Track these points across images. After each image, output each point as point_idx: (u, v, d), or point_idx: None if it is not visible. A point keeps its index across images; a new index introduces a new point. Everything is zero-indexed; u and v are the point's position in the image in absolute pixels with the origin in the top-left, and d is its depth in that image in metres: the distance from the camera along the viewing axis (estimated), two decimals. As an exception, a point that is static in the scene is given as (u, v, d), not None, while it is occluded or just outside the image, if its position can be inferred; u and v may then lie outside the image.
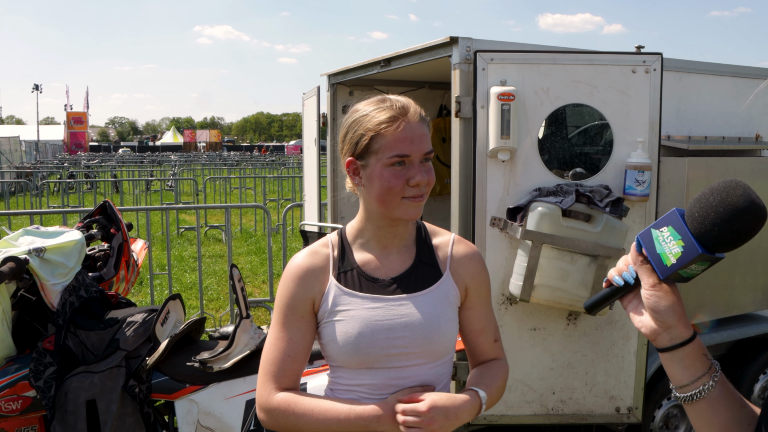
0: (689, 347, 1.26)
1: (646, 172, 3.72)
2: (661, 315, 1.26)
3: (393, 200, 1.78)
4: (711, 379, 1.24)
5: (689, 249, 1.20)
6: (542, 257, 3.56)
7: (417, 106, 1.85)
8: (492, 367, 2.00)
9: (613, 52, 3.85)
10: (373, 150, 1.78)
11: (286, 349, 1.86)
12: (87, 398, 2.98)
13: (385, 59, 4.77)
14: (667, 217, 1.25)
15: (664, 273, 1.25)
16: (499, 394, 1.96)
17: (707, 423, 1.26)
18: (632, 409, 4.06)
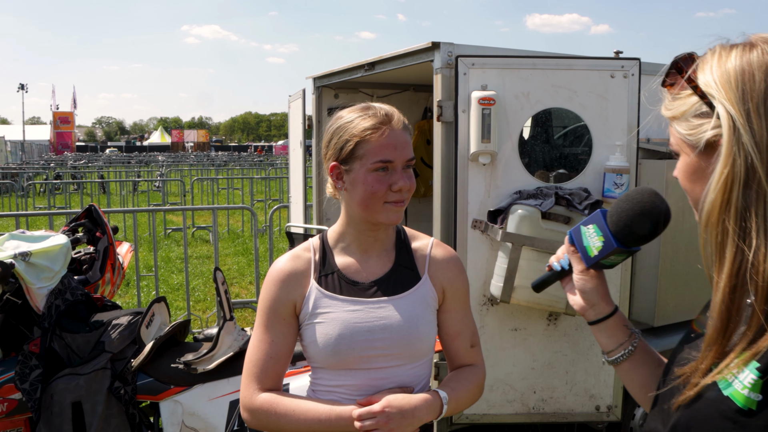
0: (611, 320, 1.53)
1: (624, 175, 3.79)
2: (587, 295, 1.52)
3: (376, 205, 1.83)
4: (631, 344, 1.51)
5: (608, 244, 1.43)
6: (522, 259, 3.62)
7: (400, 114, 1.90)
8: (463, 372, 2.03)
9: (592, 57, 3.91)
10: (357, 155, 1.82)
11: (269, 350, 1.90)
12: (73, 400, 3.01)
13: (369, 63, 4.81)
14: (593, 217, 1.47)
15: (589, 262, 1.49)
16: (468, 398, 1.99)
17: (631, 379, 1.53)
18: (612, 408, 4.13)
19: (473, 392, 2.00)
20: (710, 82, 1.15)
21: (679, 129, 1.23)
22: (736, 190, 1.09)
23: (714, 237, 1.13)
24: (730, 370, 1.11)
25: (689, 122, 1.20)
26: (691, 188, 1.25)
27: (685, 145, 1.23)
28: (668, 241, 4.34)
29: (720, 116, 1.12)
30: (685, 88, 1.21)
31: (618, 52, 4.09)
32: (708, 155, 1.17)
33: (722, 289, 1.12)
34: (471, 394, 2.00)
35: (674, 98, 1.25)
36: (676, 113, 1.23)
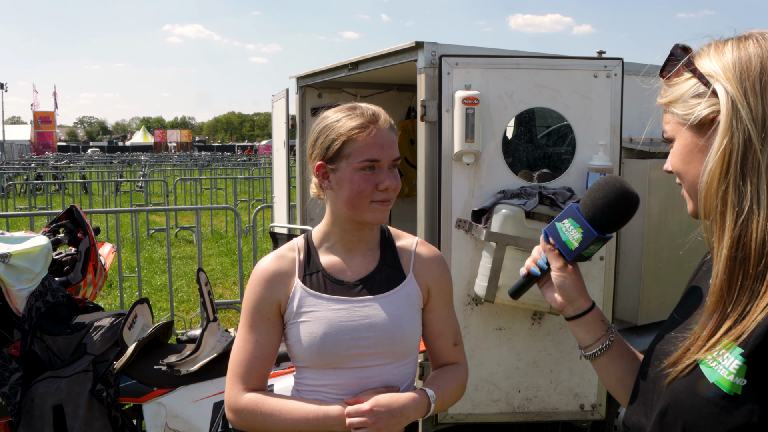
0: (589, 315, 1.56)
1: (607, 174, 3.79)
2: (566, 291, 1.55)
3: (362, 204, 1.84)
4: (608, 339, 1.55)
5: (587, 233, 1.48)
6: (506, 258, 3.62)
7: (386, 114, 1.91)
8: (448, 371, 2.04)
9: (575, 57, 3.92)
10: (344, 154, 1.83)
11: (253, 350, 1.90)
12: (54, 403, 2.98)
13: (352, 63, 4.80)
14: (566, 212, 1.53)
15: (570, 255, 1.52)
16: (453, 396, 2.01)
17: (608, 373, 1.56)
18: (596, 406, 4.14)
19: (457, 390, 2.02)
20: (709, 66, 1.23)
21: (676, 111, 1.29)
22: (734, 159, 1.16)
23: (714, 207, 1.20)
24: (715, 356, 1.16)
25: (686, 103, 1.26)
26: (686, 170, 1.30)
27: (681, 127, 1.29)
28: (651, 240, 4.36)
29: (719, 94, 1.20)
30: (682, 74, 1.28)
31: (601, 52, 4.10)
32: (704, 132, 1.24)
33: (723, 259, 1.17)
34: (455, 392, 2.01)
35: (670, 85, 1.31)
36: (672, 98, 1.30)
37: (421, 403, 1.88)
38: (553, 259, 1.55)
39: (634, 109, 4.51)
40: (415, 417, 1.87)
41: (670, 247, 4.45)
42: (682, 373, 1.20)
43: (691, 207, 1.33)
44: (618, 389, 1.56)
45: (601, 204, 1.46)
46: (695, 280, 1.45)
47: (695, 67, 1.25)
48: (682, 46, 1.30)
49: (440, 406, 1.94)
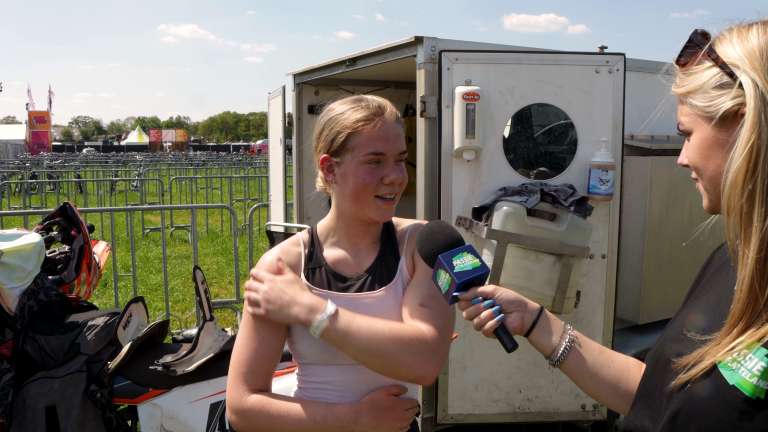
0: (544, 314, 1.56)
1: (609, 171, 3.75)
2: (516, 301, 1.56)
3: (366, 198, 1.80)
4: (568, 333, 1.53)
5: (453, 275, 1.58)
6: (507, 256, 3.57)
7: (393, 106, 1.87)
8: (397, 324, 1.79)
9: (576, 53, 3.88)
10: (349, 147, 1.79)
11: (259, 348, 1.83)
12: (46, 404, 2.92)
13: (350, 59, 4.75)
14: (437, 267, 1.62)
15: (454, 292, 1.58)
16: (371, 339, 1.70)
17: (580, 373, 1.52)
18: (597, 407, 4.09)
19: (386, 339, 1.70)
20: (732, 53, 1.15)
21: (695, 102, 1.21)
22: (762, 157, 1.08)
23: (739, 208, 1.12)
24: (735, 356, 1.08)
25: (707, 94, 1.18)
26: (704, 165, 1.23)
27: (700, 119, 1.21)
28: (652, 238, 4.32)
29: (744, 85, 1.11)
30: (701, 62, 1.20)
31: (603, 48, 4.05)
32: (727, 126, 1.16)
33: (750, 262, 1.10)
34: (380, 338, 1.70)
35: (688, 74, 1.23)
36: (691, 88, 1.22)
37: (314, 303, 1.72)
38: (484, 293, 1.56)
39: (635, 106, 4.48)
40: (299, 314, 1.72)
41: (671, 246, 4.41)
42: (696, 375, 1.12)
43: (708, 203, 1.27)
44: (594, 387, 1.52)
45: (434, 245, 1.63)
46: (708, 276, 1.37)
47: (717, 55, 1.17)
48: (702, 32, 1.22)
49: (340, 332, 1.69)
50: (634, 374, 1.51)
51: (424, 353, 1.72)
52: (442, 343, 1.76)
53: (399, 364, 1.71)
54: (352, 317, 1.71)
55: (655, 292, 4.42)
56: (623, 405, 1.49)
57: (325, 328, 1.69)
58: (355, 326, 1.70)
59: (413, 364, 1.71)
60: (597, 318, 4.02)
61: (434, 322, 1.77)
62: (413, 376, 1.73)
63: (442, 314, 1.80)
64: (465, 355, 3.93)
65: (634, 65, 4.37)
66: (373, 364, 1.73)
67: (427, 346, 1.72)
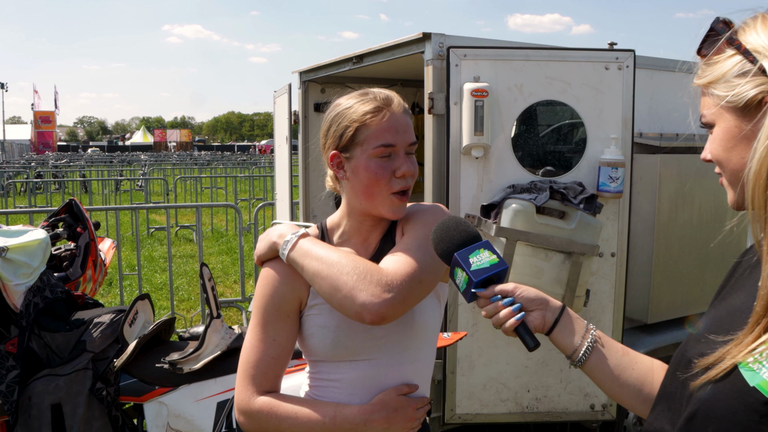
0: (566, 312, 1.52)
1: (619, 168, 3.72)
2: (538, 299, 1.52)
3: (380, 193, 1.75)
4: (590, 333, 1.49)
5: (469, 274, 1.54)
6: (516, 254, 3.53)
7: (399, 97, 1.84)
8: (361, 258, 1.72)
9: (586, 49, 3.84)
10: (358, 141, 1.75)
11: (269, 350, 1.79)
12: (52, 402, 2.90)
13: (357, 56, 4.72)
14: (454, 270, 1.57)
15: (477, 279, 1.52)
16: (322, 259, 1.67)
17: (602, 374, 1.47)
18: (607, 406, 4.06)
19: (341, 263, 1.65)
20: (756, 41, 1.12)
21: (717, 92, 1.17)
22: None
23: (763, 200, 1.08)
24: (757, 357, 1.03)
25: (730, 83, 1.14)
26: (727, 158, 1.19)
27: (723, 110, 1.17)
28: (661, 237, 4.29)
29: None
30: (723, 51, 1.17)
31: (612, 44, 4.02)
32: (750, 116, 1.12)
33: None
34: (336, 260, 1.66)
35: (709, 64, 1.19)
36: (712, 78, 1.18)
37: (290, 230, 1.80)
38: (504, 291, 1.52)
39: (644, 103, 4.44)
40: (273, 238, 1.79)
41: (681, 244, 4.38)
42: (716, 376, 1.08)
43: (732, 198, 1.22)
44: (616, 390, 1.47)
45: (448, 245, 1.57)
46: (736, 277, 1.30)
47: (740, 43, 1.13)
48: (724, 20, 1.18)
49: (301, 254, 1.69)
50: (658, 377, 1.45)
51: (373, 287, 1.60)
52: (401, 283, 1.62)
53: (345, 290, 1.61)
54: (318, 242, 1.74)
55: (664, 291, 4.38)
56: (646, 409, 1.43)
57: (290, 249, 1.73)
58: (315, 249, 1.70)
59: (360, 296, 1.59)
60: (606, 317, 3.98)
61: (400, 264, 1.66)
62: (357, 308, 1.60)
63: (415, 259, 1.68)
64: (473, 354, 3.90)
65: (643, 62, 4.34)
66: (323, 288, 1.65)
67: (380, 280, 1.61)
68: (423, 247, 1.70)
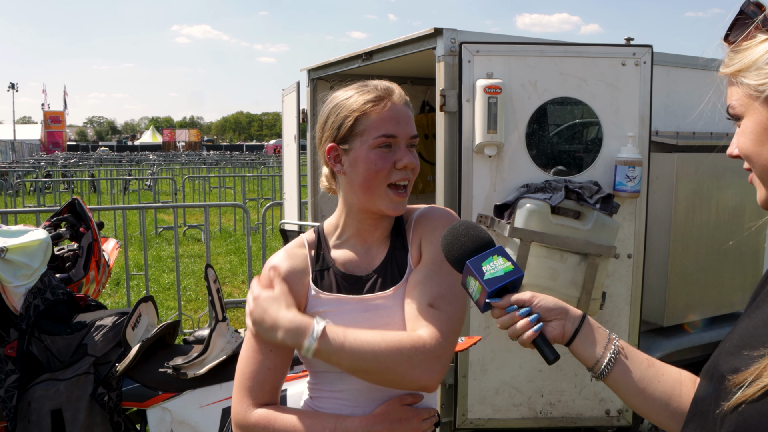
0: (587, 321, 1.42)
1: (636, 167, 3.62)
2: (557, 308, 1.43)
3: (379, 186, 1.68)
4: (613, 344, 1.40)
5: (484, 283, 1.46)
6: (531, 256, 3.44)
7: (401, 89, 1.77)
8: (394, 333, 1.62)
9: (602, 44, 3.75)
10: (357, 132, 1.68)
11: (265, 361, 1.71)
12: (52, 408, 2.83)
13: (366, 52, 4.63)
14: (467, 278, 1.48)
15: (492, 286, 1.44)
16: (367, 354, 1.55)
17: (626, 387, 1.38)
18: (622, 412, 3.96)
19: (383, 353, 1.55)
20: None
21: (747, 81, 1.07)
22: None
23: None
24: None
25: (762, 70, 1.05)
26: (758, 152, 1.10)
27: (753, 100, 1.07)
28: (678, 238, 4.19)
29: None
30: (753, 36, 1.07)
31: (629, 39, 3.91)
32: None
33: None
34: (376, 353, 1.55)
35: (738, 51, 1.10)
36: (742, 65, 1.08)
37: (299, 326, 1.58)
38: (520, 301, 1.44)
39: (660, 101, 4.34)
40: (285, 339, 1.59)
41: (698, 245, 4.28)
42: (753, 396, 0.99)
43: (764, 196, 1.13)
44: (642, 404, 1.37)
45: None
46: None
47: None
48: (755, 2, 1.09)
49: (333, 356, 1.56)
50: (687, 390, 1.36)
51: (425, 363, 1.57)
52: (446, 349, 1.60)
53: (401, 377, 1.57)
54: (343, 334, 1.57)
55: (681, 294, 4.29)
56: (675, 425, 1.35)
57: (315, 350, 1.56)
58: (348, 344, 1.56)
59: (415, 375, 1.56)
60: (622, 320, 3.88)
61: (440, 326, 1.61)
62: (416, 386, 1.62)
63: (451, 316, 1.64)
64: (485, 357, 3.80)
65: (660, 59, 4.22)
66: (374, 379, 1.61)
67: (428, 355, 1.57)
68: (453, 288, 1.66)
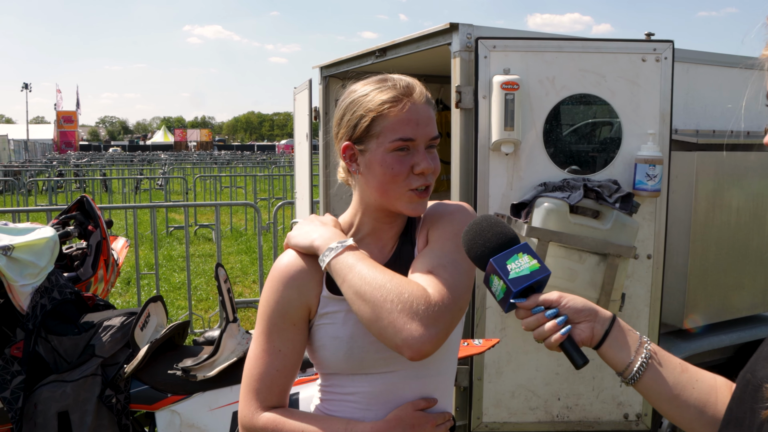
0: (617, 323, 1.36)
1: (657, 165, 3.53)
2: (585, 309, 1.35)
3: (396, 190, 1.60)
4: (644, 348, 1.32)
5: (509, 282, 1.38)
6: (549, 256, 3.36)
7: (422, 86, 1.67)
8: (405, 278, 1.55)
9: (622, 40, 3.66)
10: (374, 133, 1.60)
11: (274, 362, 1.64)
12: (59, 410, 2.77)
13: (380, 49, 4.56)
14: (489, 277, 1.41)
15: (517, 286, 1.36)
16: (364, 280, 1.50)
17: (658, 394, 1.31)
18: (641, 416, 3.88)
19: (385, 287, 1.48)
20: None
21: None
22: None
23: None
24: None
25: None
26: None
27: None
28: (698, 238, 4.10)
29: None
30: None
31: (649, 34, 3.82)
32: None
33: None
34: (379, 284, 1.48)
35: None
36: None
37: (335, 234, 1.62)
38: (548, 302, 1.36)
39: (680, 99, 4.25)
40: (315, 239, 1.62)
41: (718, 246, 4.19)
42: None
43: None
44: (675, 411, 1.31)
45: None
46: None
47: None
48: None
49: (343, 270, 1.52)
50: (723, 397, 1.29)
51: (424, 317, 1.45)
52: (445, 314, 1.48)
53: (387, 320, 1.45)
54: (364, 257, 1.54)
55: (701, 296, 4.20)
56: None
57: (334, 257, 1.55)
58: (361, 265, 1.51)
59: (408, 325, 1.44)
60: (642, 322, 3.79)
61: (444, 287, 1.51)
62: (398, 339, 1.45)
63: (453, 284, 1.53)
64: (501, 360, 3.72)
65: (680, 55, 4.13)
66: (363, 311, 1.49)
67: (427, 311, 1.46)
68: (458, 263, 1.56)
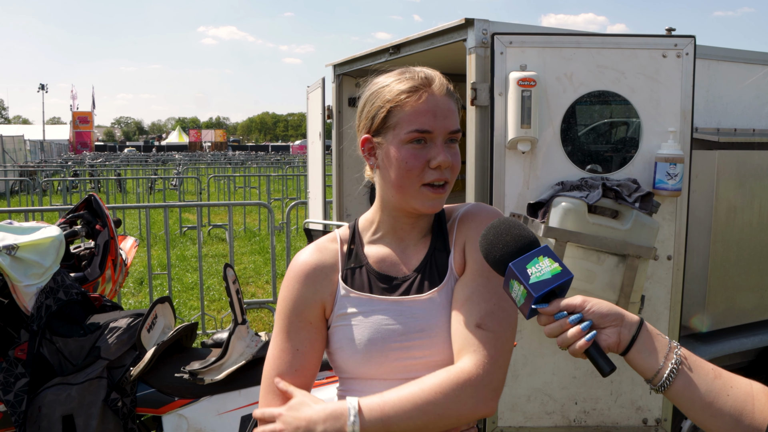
0: (645, 327, 1.30)
1: (678, 164, 3.44)
2: (611, 313, 1.29)
3: (411, 186, 1.54)
4: (675, 353, 1.27)
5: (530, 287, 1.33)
6: (566, 257, 3.27)
7: (444, 78, 1.61)
8: (428, 377, 1.50)
9: (642, 35, 3.57)
10: (390, 124, 1.55)
11: (292, 362, 1.61)
12: (63, 413, 2.71)
13: (394, 46, 4.49)
14: (508, 277, 1.36)
15: (538, 291, 1.31)
16: (413, 412, 1.44)
17: (690, 402, 1.25)
18: (661, 421, 3.78)
19: (430, 402, 1.45)
20: None
21: None
22: None
23: None
24: None
25: None
26: None
27: None
28: (718, 239, 4.00)
29: None
30: None
31: (670, 29, 3.73)
32: None
33: None
34: (423, 404, 1.45)
35: None
36: None
37: (335, 412, 1.46)
38: (571, 307, 1.31)
39: (701, 96, 4.15)
40: (326, 429, 1.45)
41: (739, 247, 4.09)
42: None
43: None
44: (708, 420, 1.25)
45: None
46: None
47: None
48: None
49: (381, 426, 1.44)
50: (760, 404, 1.22)
51: (475, 395, 1.47)
52: (495, 374, 1.49)
53: (456, 419, 1.47)
54: (381, 401, 1.46)
55: (721, 298, 4.11)
56: None
57: (361, 428, 1.44)
58: (388, 409, 1.45)
59: (468, 411, 1.47)
60: (662, 325, 3.69)
61: (488, 350, 1.50)
62: (476, 418, 1.51)
63: (500, 336, 1.52)
64: (517, 363, 3.64)
65: (701, 52, 4.03)
66: (434, 428, 1.47)
67: (476, 386, 1.47)
68: (503, 300, 1.54)
